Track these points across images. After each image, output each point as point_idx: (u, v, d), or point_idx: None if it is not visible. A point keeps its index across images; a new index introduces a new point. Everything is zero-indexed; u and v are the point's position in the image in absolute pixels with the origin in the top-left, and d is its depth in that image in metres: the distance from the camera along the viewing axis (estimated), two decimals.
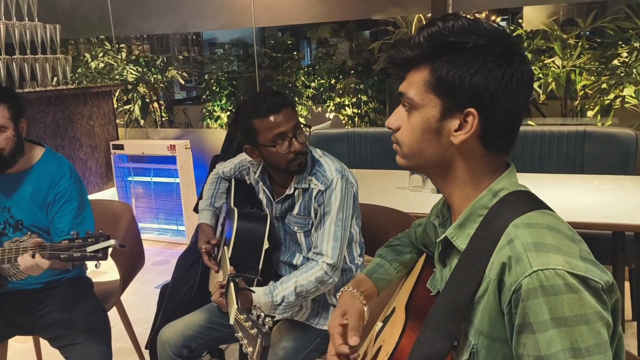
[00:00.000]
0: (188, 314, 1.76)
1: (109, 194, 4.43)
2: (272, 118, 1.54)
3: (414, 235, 1.26)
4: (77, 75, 5.16)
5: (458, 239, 0.89)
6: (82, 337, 1.71)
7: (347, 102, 4.83)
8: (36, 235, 1.77)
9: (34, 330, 1.81)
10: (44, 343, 1.98)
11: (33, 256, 1.49)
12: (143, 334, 2.61)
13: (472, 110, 0.83)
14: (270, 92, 1.62)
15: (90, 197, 4.27)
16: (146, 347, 2.52)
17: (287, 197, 1.67)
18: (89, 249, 1.45)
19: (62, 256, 1.46)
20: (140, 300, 3.21)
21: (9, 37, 3.68)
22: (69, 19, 4.71)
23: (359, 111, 4.86)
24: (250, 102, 1.59)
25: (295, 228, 1.66)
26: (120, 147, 4.32)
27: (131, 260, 2.17)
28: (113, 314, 2.22)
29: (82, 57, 5.22)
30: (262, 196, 1.75)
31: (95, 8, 4.69)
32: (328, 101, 4.94)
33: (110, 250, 1.51)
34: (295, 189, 1.64)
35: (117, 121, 4.65)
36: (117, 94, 5.07)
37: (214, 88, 5.04)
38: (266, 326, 1.14)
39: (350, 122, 4.89)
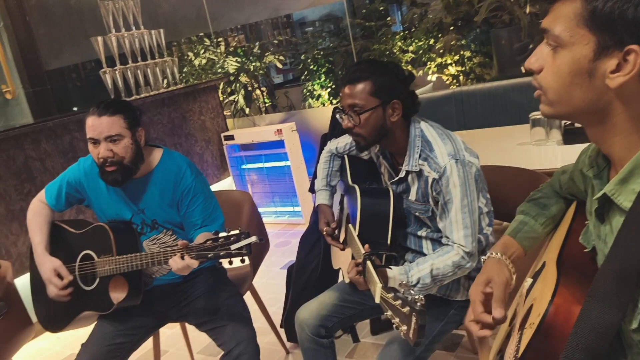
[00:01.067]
0: (320, 294, 1.78)
1: (226, 183, 4.64)
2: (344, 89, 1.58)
3: (558, 184, 1.15)
4: (184, 75, 5.43)
5: (620, 196, 0.78)
6: (226, 320, 1.81)
7: (449, 61, 4.62)
8: (171, 232, 1.89)
9: (182, 318, 1.94)
10: (189, 327, 2.12)
11: (182, 258, 1.57)
12: (276, 313, 2.73)
13: (635, 47, 0.72)
14: (354, 64, 1.60)
15: (211, 187, 4.51)
16: (281, 326, 2.63)
17: (400, 180, 1.62)
18: (233, 247, 1.51)
19: (209, 255, 1.53)
20: (269, 281, 3.35)
21: (120, 48, 3.95)
22: (170, 22, 4.96)
23: (464, 69, 4.63)
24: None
25: (417, 213, 1.61)
26: (231, 137, 4.49)
27: (258, 246, 2.24)
28: (246, 297, 2.33)
29: (186, 57, 5.48)
30: (383, 170, 1.72)
31: (192, 7, 4.88)
32: (428, 63, 4.75)
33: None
34: (407, 172, 1.58)
35: (225, 113, 4.84)
36: (221, 86, 5.27)
37: (311, 67, 5.06)
38: (418, 303, 1.11)
39: (454, 81, 4.67)
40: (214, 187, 4.51)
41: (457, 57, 4.67)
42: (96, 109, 1.73)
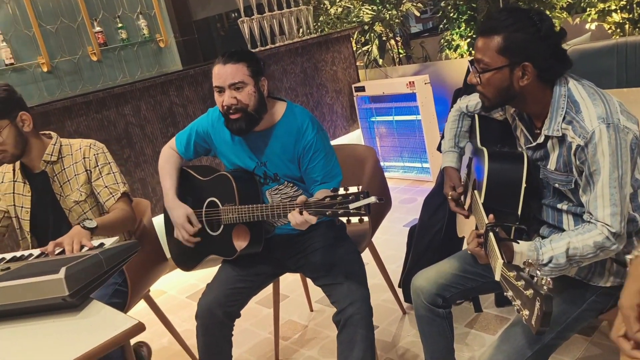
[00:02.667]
0: (440, 262, 1.68)
1: (355, 135, 4.60)
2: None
3: None
4: (319, 24, 5.39)
5: None
6: (341, 278, 1.79)
7: (613, 7, 4.01)
8: (292, 184, 1.89)
9: (299, 269, 1.97)
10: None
11: (301, 213, 1.57)
12: (395, 271, 2.68)
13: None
14: (493, 12, 1.40)
15: (338, 140, 4.50)
16: (399, 286, 2.58)
17: (538, 146, 1.42)
18: (351, 206, 1.47)
19: (327, 213, 1.52)
20: (391, 238, 3.30)
21: None
22: None
23: (631, 16, 4.00)
24: None
25: (556, 184, 1.41)
26: (362, 89, 4.41)
27: (379, 205, 2.18)
28: (365, 254, 2.30)
29: (322, 5, 5.42)
30: (519, 133, 1.53)
31: None
32: (588, 9, 4.18)
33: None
34: (546, 137, 1.38)
35: (357, 63, 4.74)
36: (355, 36, 5.16)
37: (451, 15, 4.72)
38: (545, 287, 0.98)
39: (618, 30, 4.06)
40: (342, 139, 4.51)
41: (623, 2, 4.04)
42: (221, 58, 1.75)
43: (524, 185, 1.37)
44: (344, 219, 1.51)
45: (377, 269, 2.40)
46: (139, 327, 1.23)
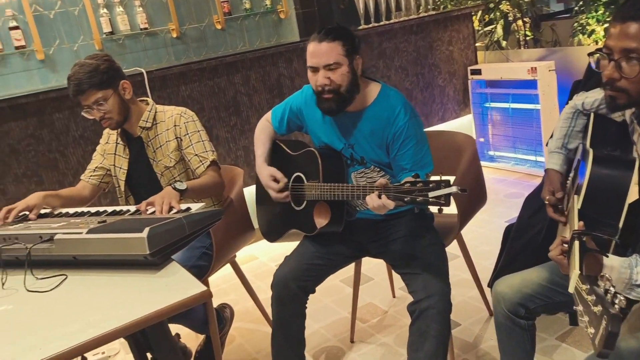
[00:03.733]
0: (528, 269, 1.55)
1: (465, 120, 4.39)
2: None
3: None
4: (441, 0, 5.15)
5: None
6: (420, 269, 1.73)
7: None
8: (378, 169, 1.84)
9: (380, 255, 1.93)
10: None
11: (379, 197, 1.53)
12: (487, 268, 2.54)
13: None
14: None
15: (447, 124, 4.32)
16: (489, 285, 2.44)
17: None
18: (431, 194, 1.41)
19: (405, 199, 1.47)
20: (488, 232, 3.12)
21: None
22: None
23: None
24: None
25: None
26: (478, 72, 4.16)
27: (471, 198, 2.06)
28: (454, 246, 2.19)
29: None
30: (636, 138, 1.34)
31: None
32: None
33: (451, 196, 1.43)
34: None
35: (476, 44, 4.48)
36: (478, 15, 4.86)
37: None
38: (616, 306, 0.87)
39: None
40: (452, 123, 4.32)
41: None
42: (317, 35, 1.72)
43: (631, 194, 1.20)
44: (434, 208, 1.44)
45: (465, 264, 2.28)
46: (207, 294, 1.27)
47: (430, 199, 1.41)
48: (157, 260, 1.43)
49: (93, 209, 1.88)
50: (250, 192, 2.20)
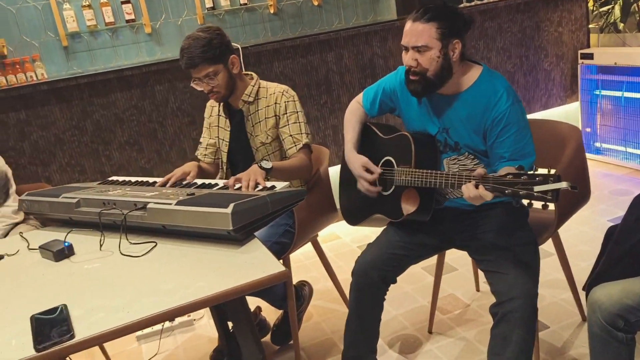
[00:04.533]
0: (631, 279, 1.41)
1: (572, 108, 4.07)
2: None
3: None
4: None
5: None
6: (507, 267, 1.63)
7: None
8: (472, 157, 1.74)
9: (465, 247, 1.85)
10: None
11: (477, 187, 1.46)
12: (584, 270, 2.36)
13: None
14: None
15: (552, 111, 4.03)
16: (584, 289, 2.26)
17: None
18: (537, 188, 1.31)
19: (506, 191, 1.38)
20: (588, 231, 2.89)
21: None
22: None
23: None
24: None
25: None
26: (589, 56, 3.83)
27: (569, 195, 1.90)
28: (549, 244, 2.05)
29: None
30: None
31: None
32: None
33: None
34: None
35: (590, 26, 4.11)
36: None
37: None
38: None
39: None
40: (556, 110, 4.03)
41: None
42: (414, 14, 1.64)
43: None
44: (525, 202, 1.35)
45: (558, 263, 2.13)
46: (285, 275, 1.27)
47: (535, 194, 1.31)
48: (239, 236, 1.46)
49: (185, 181, 1.95)
50: (335, 171, 2.18)
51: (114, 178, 2.16)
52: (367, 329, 1.84)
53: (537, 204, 1.35)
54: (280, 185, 1.72)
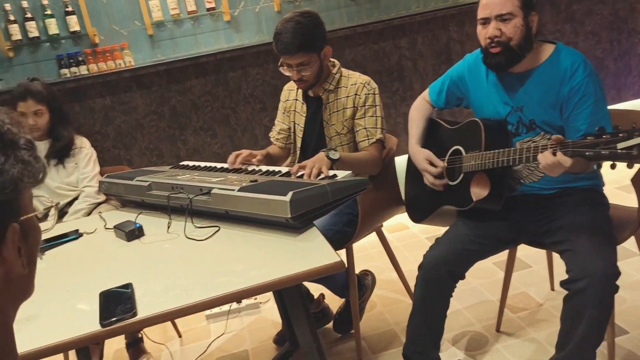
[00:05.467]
0: None
1: None
2: None
3: None
4: None
5: None
6: (583, 244, 1.54)
7: None
8: (549, 134, 1.66)
9: (540, 237, 1.76)
10: None
11: (554, 154, 1.39)
12: None
13: None
14: None
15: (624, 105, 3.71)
16: None
17: None
18: (620, 145, 1.22)
19: (587, 154, 1.31)
20: None
21: None
22: None
23: None
24: None
25: None
26: None
27: None
28: (631, 243, 1.90)
29: None
30: None
31: None
32: None
33: None
34: None
35: None
36: None
37: None
38: None
39: None
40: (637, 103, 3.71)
41: None
42: None
43: None
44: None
45: None
46: (339, 265, 1.26)
47: (619, 151, 1.22)
48: (297, 224, 1.46)
49: (250, 167, 1.98)
50: (404, 161, 2.13)
51: (185, 163, 2.23)
52: (432, 325, 1.80)
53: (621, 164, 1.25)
54: (342, 174, 1.70)
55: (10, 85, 4.25)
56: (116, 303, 1.24)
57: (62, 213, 2.48)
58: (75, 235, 1.79)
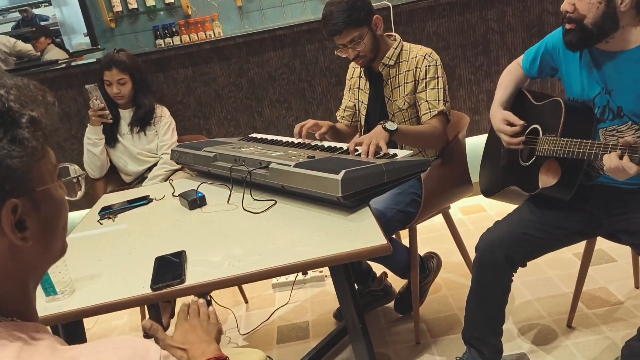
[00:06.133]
0: None
1: None
2: None
3: None
4: None
5: None
6: None
7: None
8: (637, 127, 1.49)
9: (617, 233, 1.62)
10: None
11: (621, 157, 1.29)
12: None
13: None
14: None
15: None
16: None
17: None
18: None
19: None
20: None
21: None
22: None
23: None
24: None
25: None
26: None
27: None
28: None
29: None
30: None
31: None
32: None
33: None
34: None
35: None
36: None
37: None
38: None
39: None
40: None
41: None
42: None
43: None
44: None
45: None
46: (385, 249, 1.23)
47: None
48: (349, 203, 1.44)
49: (313, 142, 1.98)
50: (481, 141, 2.02)
51: (254, 135, 2.27)
52: (488, 310, 1.72)
53: None
54: (402, 153, 1.65)
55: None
56: (168, 269, 1.30)
57: (142, 178, 2.63)
58: (145, 200, 1.89)
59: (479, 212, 3.13)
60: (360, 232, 1.32)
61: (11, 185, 0.58)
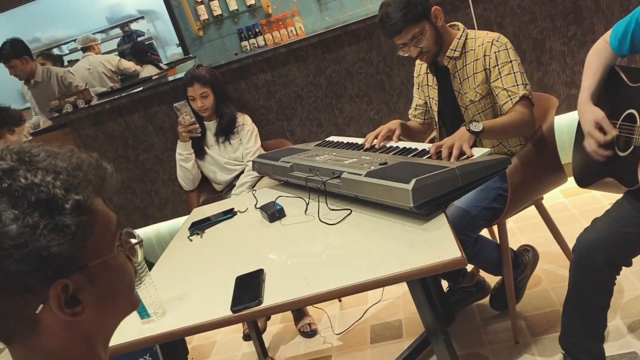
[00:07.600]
0: None
1: None
2: None
3: None
4: None
5: None
6: None
7: None
8: None
9: None
10: None
11: None
12: None
13: None
14: None
15: None
16: None
17: None
18: None
19: None
20: None
21: None
22: None
23: None
24: None
25: None
26: None
27: None
28: None
29: None
30: None
31: None
32: None
33: None
34: None
35: None
36: None
37: None
38: None
39: None
40: None
41: None
42: None
43: None
44: None
45: None
46: (459, 262, 1.18)
47: None
48: (423, 212, 1.39)
49: (388, 144, 1.93)
50: (563, 121, 1.85)
51: (331, 138, 2.27)
52: (587, 316, 1.60)
53: None
54: (478, 152, 1.56)
55: (202, 61, 4.77)
56: (247, 289, 1.34)
57: (231, 186, 2.74)
58: (230, 214, 1.97)
59: (582, 194, 2.90)
60: (433, 244, 1.28)
61: (55, 271, 0.58)
